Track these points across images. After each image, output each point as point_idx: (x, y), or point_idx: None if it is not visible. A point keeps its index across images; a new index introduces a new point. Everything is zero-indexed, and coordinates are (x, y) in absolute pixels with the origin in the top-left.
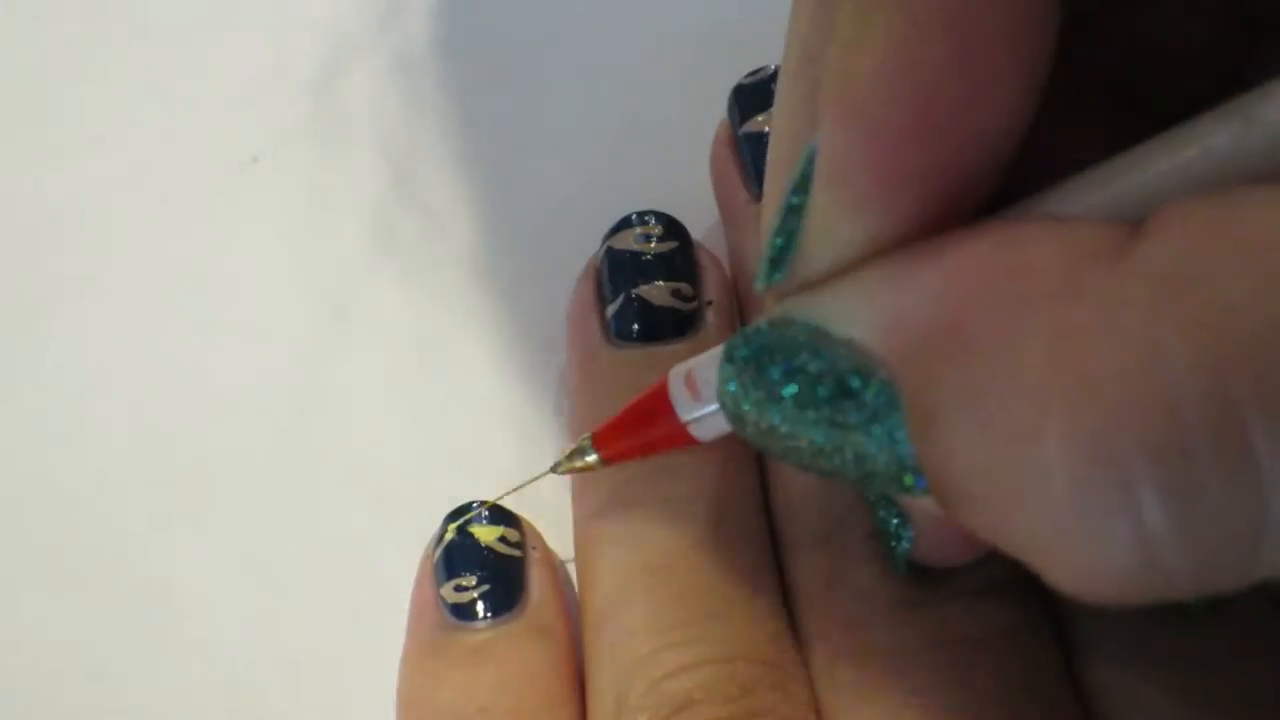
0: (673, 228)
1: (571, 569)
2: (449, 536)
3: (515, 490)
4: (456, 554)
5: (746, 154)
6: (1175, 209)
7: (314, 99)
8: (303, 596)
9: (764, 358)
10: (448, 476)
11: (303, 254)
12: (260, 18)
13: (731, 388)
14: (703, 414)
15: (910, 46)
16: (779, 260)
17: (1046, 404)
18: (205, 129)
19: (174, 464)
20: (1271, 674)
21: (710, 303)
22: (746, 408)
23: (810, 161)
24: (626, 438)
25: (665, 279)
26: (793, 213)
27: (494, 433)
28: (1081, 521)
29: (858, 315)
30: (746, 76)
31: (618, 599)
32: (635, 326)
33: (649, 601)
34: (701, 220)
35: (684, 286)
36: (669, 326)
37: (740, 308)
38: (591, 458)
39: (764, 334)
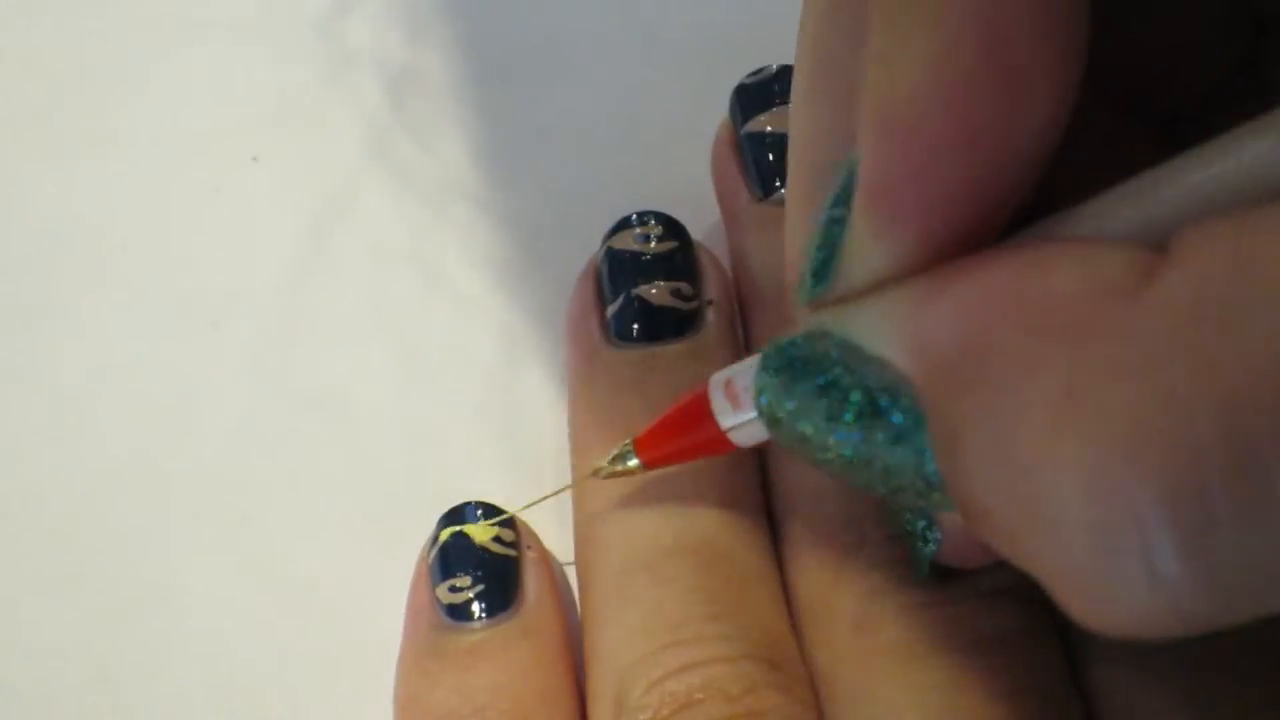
0: (672, 228)
1: (571, 573)
2: (444, 538)
3: (547, 499)
4: (451, 555)
5: (748, 154)
6: (1196, 234)
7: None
8: (302, 597)
9: (798, 369)
10: (447, 477)
11: (303, 254)
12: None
13: (764, 399)
14: (742, 421)
15: (947, 60)
16: (822, 273)
17: (1062, 440)
18: (205, 128)
19: (174, 464)
20: (1274, 675)
21: (710, 302)
22: (780, 417)
23: (851, 174)
24: (667, 443)
25: (665, 279)
26: (835, 225)
27: (493, 433)
28: (1095, 561)
29: (888, 334)
30: (748, 76)
31: (618, 599)
32: (635, 326)
33: (650, 601)
34: (701, 220)
35: (684, 286)
36: (669, 326)
37: (740, 307)
38: (633, 462)
39: (799, 346)
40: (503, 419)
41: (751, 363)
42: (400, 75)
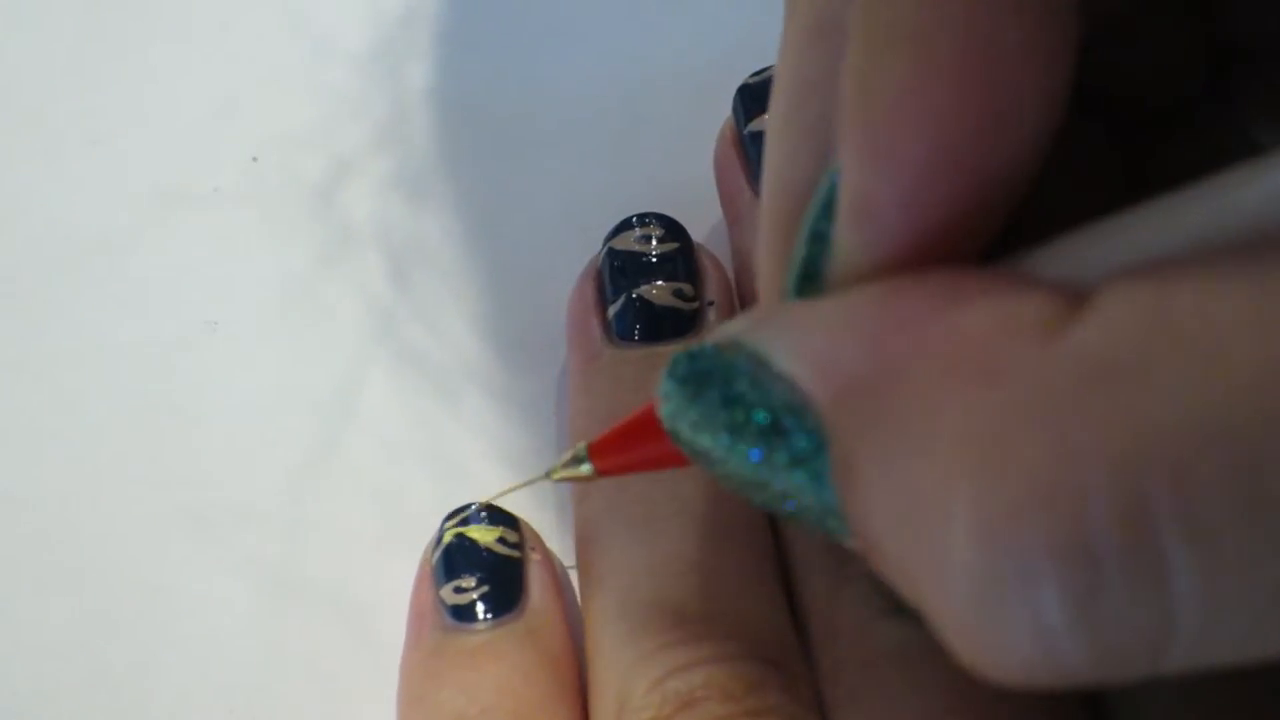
0: (674, 229)
1: (573, 573)
2: (447, 538)
3: (508, 492)
4: (455, 556)
5: (752, 153)
6: (1119, 286)
7: (312, 99)
8: (303, 597)
9: (703, 380)
10: (448, 477)
11: (303, 254)
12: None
13: (668, 409)
14: None
15: (928, 79)
16: (804, 290)
17: (955, 484)
18: (203, 130)
19: (174, 465)
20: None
21: (712, 303)
22: (682, 427)
23: (833, 187)
24: (620, 453)
25: (666, 279)
26: (818, 241)
27: (495, 434)
28: (979, 609)
29: (797, 352)
30: (751, 76)
31: (621, 598)
32: (636, 326)
33: (652, 600)
34: (702, 221)
35: (685, 287)
36: (670, 326)
37: (742, 307)
38: (586, 468)
39: (707, 356)
40: (504, 419)
41: None
42: (406, 73)
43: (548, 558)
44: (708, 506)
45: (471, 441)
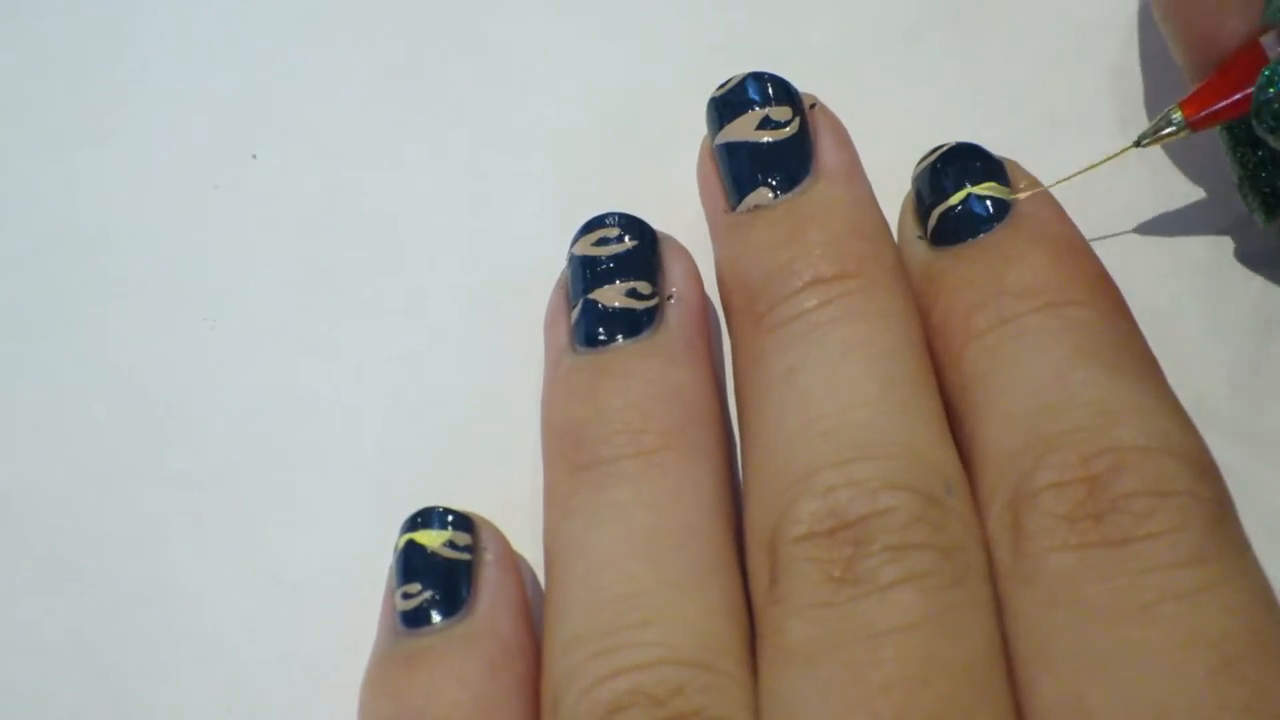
0: (633, 226)
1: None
2: (400, 544)
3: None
4: (404, 561)
5: (722, 164)
6: None
7: (311, 98)
8: (303, 596)
9: None
10: (446, 478)
11: (302, 254)
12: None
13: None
14: None
15: None
16: None
17: None
18: (203, 129)
19: (174, 464)
20: None
21: (671, 296)
22: None
23: None
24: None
25: (621, 279)
26: None
27: (492, 436)
28: None
29: None
30: (718, 89)
31: (559, 608)
32: (592, 330)
33: (584, 610)
34: (701, 220)
35: (640, 285)
36: (623, 327)
37: (727, 313)
38: (1177, 116)
39: None
40: (502, 421)
41: None
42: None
43: (509, 559)
44: (643, 514)
45: (469, 443)
